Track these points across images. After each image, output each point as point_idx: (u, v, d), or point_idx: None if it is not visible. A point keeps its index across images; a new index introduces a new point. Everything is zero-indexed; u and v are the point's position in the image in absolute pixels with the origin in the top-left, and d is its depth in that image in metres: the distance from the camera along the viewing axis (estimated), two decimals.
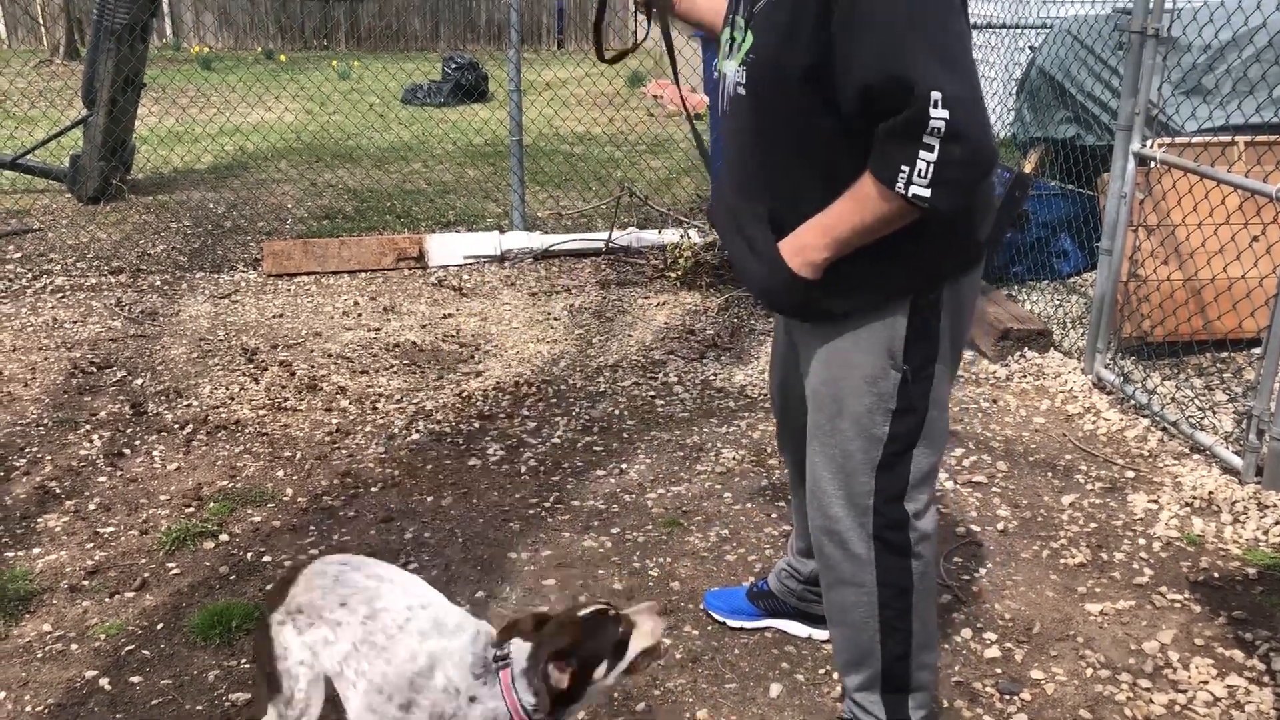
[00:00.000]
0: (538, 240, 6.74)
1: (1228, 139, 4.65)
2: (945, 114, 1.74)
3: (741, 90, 2.12)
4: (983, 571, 3.32)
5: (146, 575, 3.30)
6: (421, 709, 2.03)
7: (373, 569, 2.23)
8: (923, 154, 1.78)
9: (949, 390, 2.26)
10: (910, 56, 1.77)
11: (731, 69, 2.16)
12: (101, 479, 3.91)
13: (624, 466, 3.99)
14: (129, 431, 4.28)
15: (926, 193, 1.81)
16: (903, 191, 1.83)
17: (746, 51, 2.09)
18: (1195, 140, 4.67)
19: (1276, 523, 3.55)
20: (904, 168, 1.81)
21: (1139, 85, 4.37)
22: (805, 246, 2.05)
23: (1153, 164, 4.42)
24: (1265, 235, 4.45)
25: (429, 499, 3.77)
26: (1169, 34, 4.28)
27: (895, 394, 2.16)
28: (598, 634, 2.03)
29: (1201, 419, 4.21)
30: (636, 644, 2.06)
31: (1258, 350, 4.25)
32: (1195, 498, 3.74)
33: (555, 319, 5.62)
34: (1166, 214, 4.65)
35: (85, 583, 3.26)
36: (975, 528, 3.56)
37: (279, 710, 2.20)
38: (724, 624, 3.04)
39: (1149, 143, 4.42)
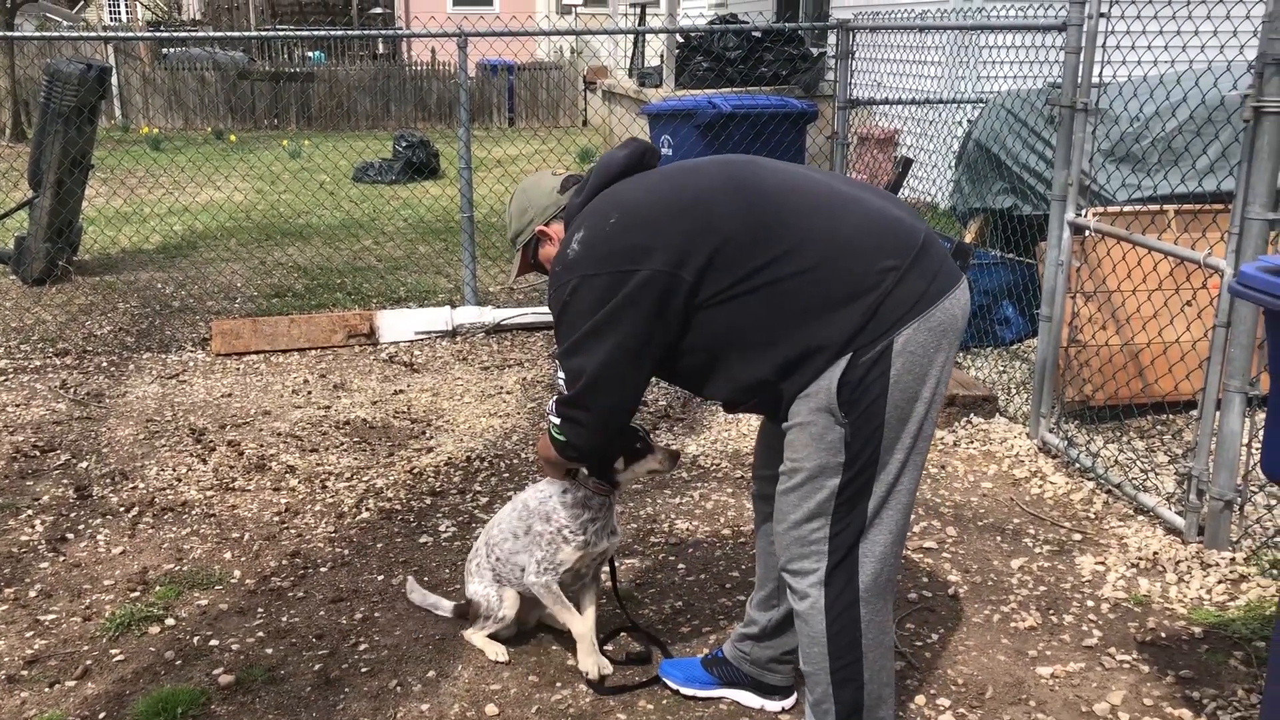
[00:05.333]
0: (490, 315, 6.77)
1: (1158, 208, 4.80)
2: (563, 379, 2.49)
3: None
4: (935, 637, 3.34)
5: (89, 663, 3.22)
6: (532, 517, 3.07)
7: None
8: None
9: (914, 441, 2.33)
10: (562, 351, 2.48)
11: None
12: (43, 565, 3.83)
13: None
14: (73, 515, 4.21)
15: (557, 420, 2.60)
16: (549, 410, 2.65)
17: None
18: (1128, 209, 4.83)
19: (1219, 581, 3.61)
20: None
21: (1071, 157, 4.52)
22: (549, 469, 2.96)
23: (1088, 232, 4.55)
24: (1196, 300, 4.58)
25: (380, 578, 3.73)
26: (1097, 107, 4.44)
27: (842, 447, 2.28)
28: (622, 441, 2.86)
29: (1144, 481, 4.29)
30: (648, 461, 2.93)
31: (1195, 412, 4.35)
32: (1141, 558, 3.80)
33: (508, 393, 5.62)
34: (1103, 280, 4.78)
35: (24, 672, 3.18)
36: (926, 593, 3.59)
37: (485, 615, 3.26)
38: (679, 693, 3.02)
39: (1083, 212, 4.55)
